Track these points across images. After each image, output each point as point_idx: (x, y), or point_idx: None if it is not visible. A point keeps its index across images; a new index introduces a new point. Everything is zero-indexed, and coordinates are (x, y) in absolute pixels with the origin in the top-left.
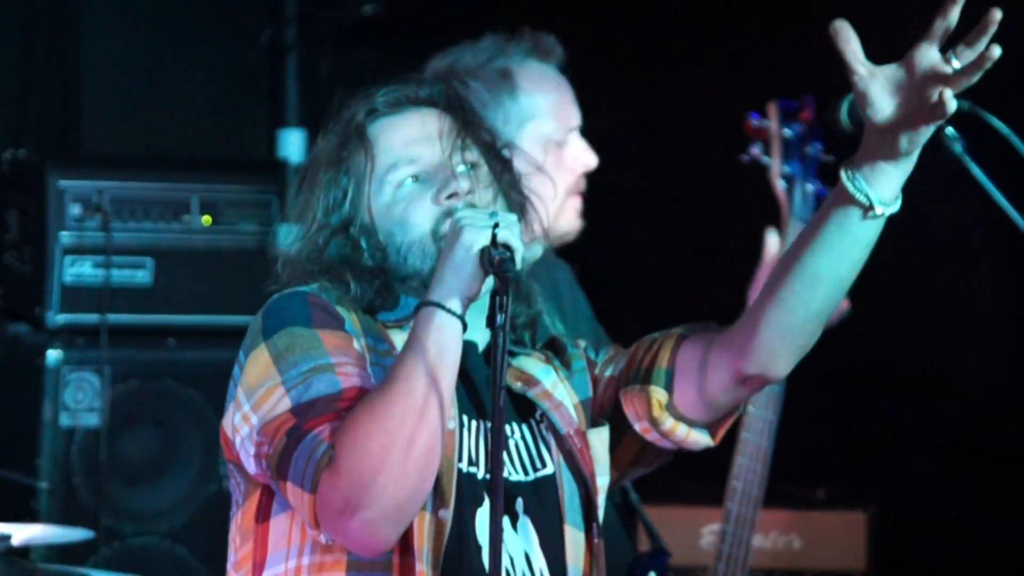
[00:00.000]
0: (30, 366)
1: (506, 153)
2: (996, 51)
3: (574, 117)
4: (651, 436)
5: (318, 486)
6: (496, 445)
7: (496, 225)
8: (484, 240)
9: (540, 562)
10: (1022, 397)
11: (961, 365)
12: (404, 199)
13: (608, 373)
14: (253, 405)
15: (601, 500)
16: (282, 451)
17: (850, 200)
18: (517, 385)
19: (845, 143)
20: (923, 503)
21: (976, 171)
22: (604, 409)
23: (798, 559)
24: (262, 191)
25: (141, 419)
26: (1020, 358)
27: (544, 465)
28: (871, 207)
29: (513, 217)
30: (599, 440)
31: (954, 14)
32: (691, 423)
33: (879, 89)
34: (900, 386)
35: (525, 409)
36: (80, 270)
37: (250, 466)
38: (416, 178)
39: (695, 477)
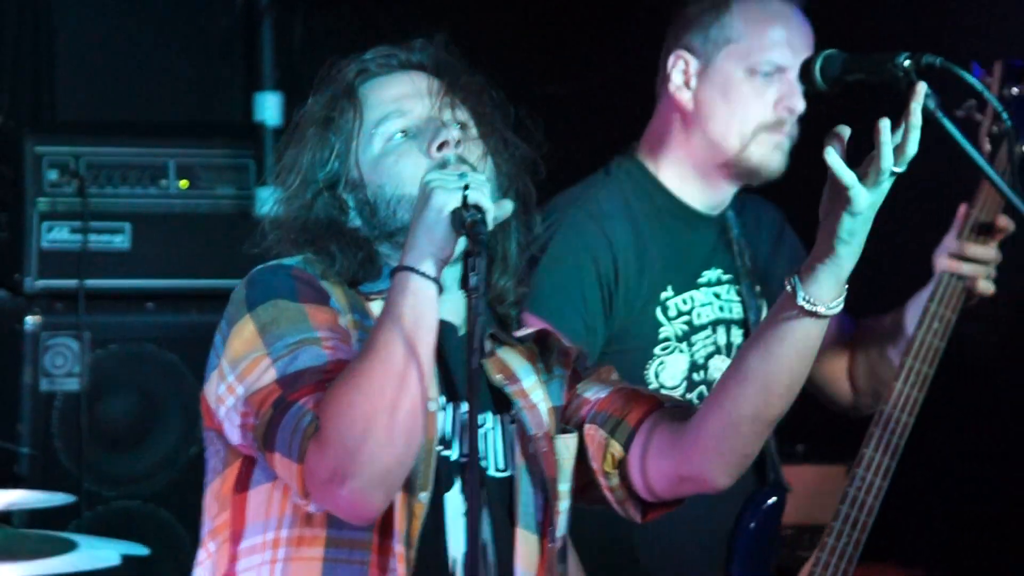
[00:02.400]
0: (9, 332)
1: (499, 117)
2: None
3: (787, 56)
4: (599, 479)
5: (305, 456)
6: (472, 410)
7: (467, 187)
8: (455, 202)
9: (492, 556)
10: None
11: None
12: (394, 151)
13: (586, 394)
14: (238, 376)
15: (563, 506)
16: (268, 422)
17: (791, 302)
18: (497, 378)
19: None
20: (901, 459)
21: (949, 125)
22: (569, 425)
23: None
24: (239, 155)
25: (121, 383)
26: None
27: (506, 468)
28: (811, 308)
29: (482, 177)
30: (565, 446)
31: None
32: (631, 492)
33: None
34: None
35: (501, 404)
36: (58, 235)
37: (234, 436)
38: (406, 132)
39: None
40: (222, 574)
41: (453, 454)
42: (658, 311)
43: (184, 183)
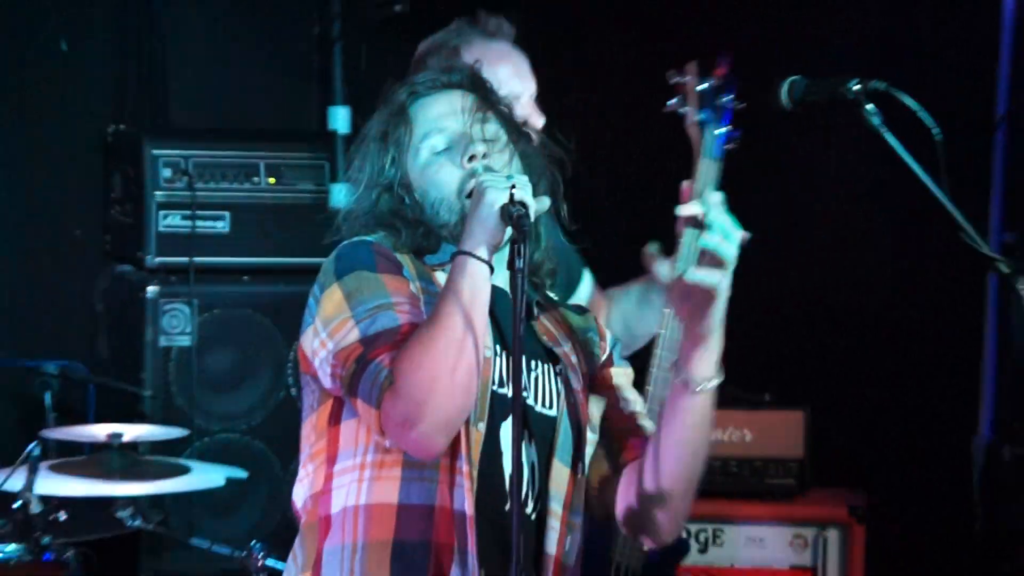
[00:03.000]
0: (134, 299)
1: (522, 124)
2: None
3: (519, 84)
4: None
5: (382, 404)
6: (516, 360)
7: (513, 186)
8: (503, 199)
9: (536, 477)
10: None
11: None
12: (435, 162)
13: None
14: (328, 334)
15: (588, 450)
16: (352, 375)
17: (681, 384)
18: (543, 338)
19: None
20: (848, 404)
21: (891, 139)
22: (593, 393)
23: (749, 449)
24: (316, 157)
25: (222, 341)
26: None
27: (551, 407)
28: (704, 388)
29: (525, 179)
30: (596, 406)
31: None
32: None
33: (676, 303)
34: (826, 315)
35: (552, 356)
36: (171, 222)
37: (326, 382)
38: (445, 146)
39: None
40: (319, 489)
41: (508, 392)
42: None
43: (272, 180)
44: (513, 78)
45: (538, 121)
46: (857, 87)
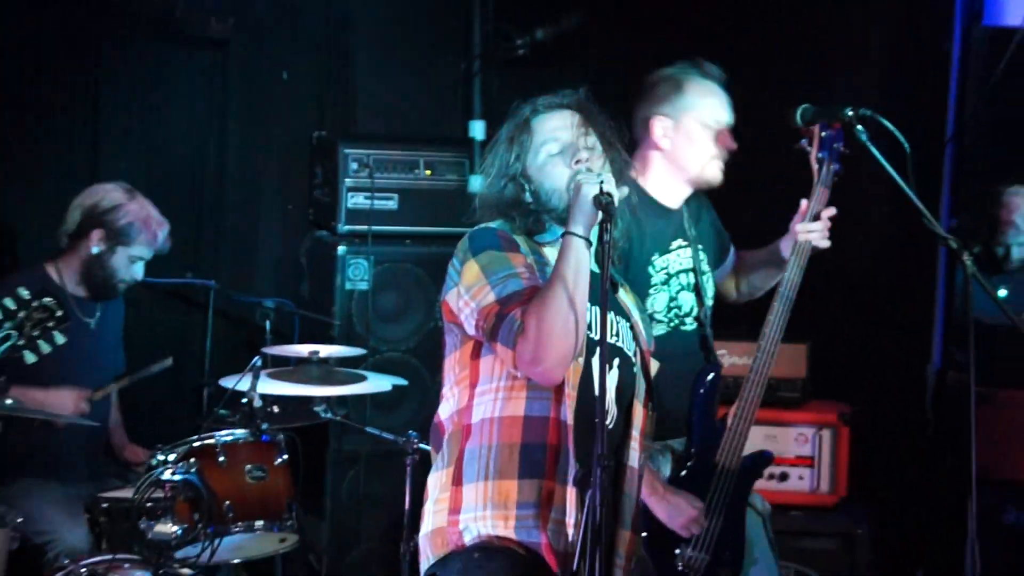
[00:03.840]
0: (329, 255)
1: (614, 139)
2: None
3: (723, 116)
4: None
5: (515, 346)
6: (603, 304)
7: (602, 182)
8: (596, 191)
9: (616, 399)
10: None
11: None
12: (549, 162)
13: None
14: (471, 296)
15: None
16: (492, 326)
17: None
18: (621, 305)
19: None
20: (839, 340)
21: (874, 150)
22: None
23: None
24: (459, 156)
25: (390, 286)
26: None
27: (631, 351)
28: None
29: (611, 176)
30: (655, 364)
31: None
32: None
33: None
34: (826, 276)
35: (627, 319)
36: (357, 201)
37: (469, 329)
38: (557, 151)
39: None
40: (463, 406)
41: (595, 336)
42: (649, 268)
43: (428, 172)
44: (719, 108)
45: (732, 145)
46: (851, 113)
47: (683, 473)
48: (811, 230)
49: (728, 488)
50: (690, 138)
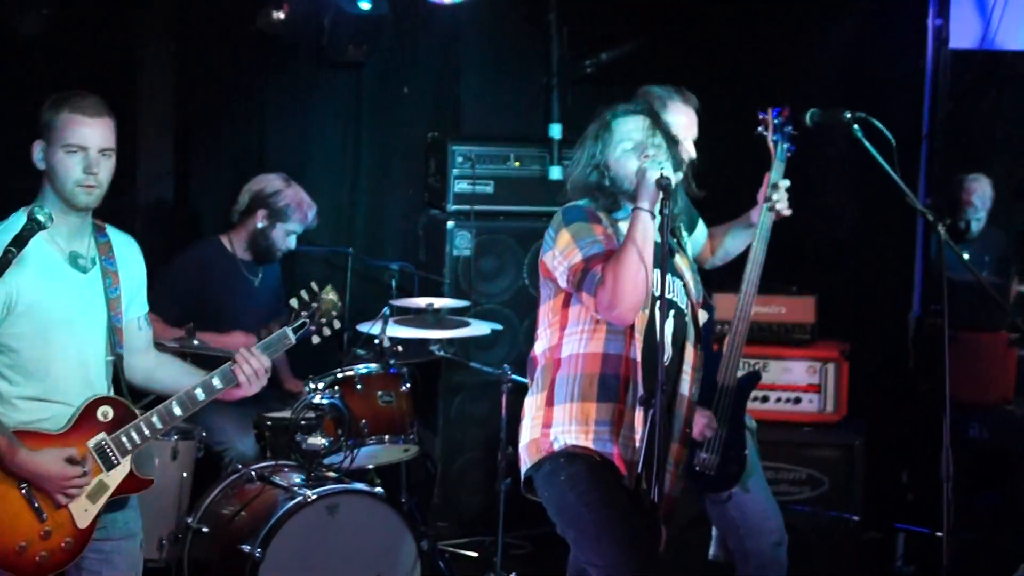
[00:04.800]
0: (440, 229)
1: (674, 137)
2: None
3: (693, 129)
4: None
5: (596, 295)
6: (663, 266)
7: (663, 168)
8: (656, 175)
9: (673, 346)
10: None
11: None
12: (625, 156)
13: None
14: (563, 256)
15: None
16: (579, 279)
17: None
18: (676, 271)
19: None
20: (840, 291)
21: (869, 146)
22: None
23: (784, 317)
24: (541, 151)
25: (489, 252)
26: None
27: (684, 305)
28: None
29: (670, 163)
30: (703, 315)
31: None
32: None
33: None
34: (831, 243)
35: (681, 279)
36: (462, 186)
37: (562, 283)
38: (631, 147)
39: None
40: (554, 344)
41: (656, 291)
42: None
43: (517, 163)
44: (688, 126)
45: (692, 152)
46: (849, 115)
47: None
48: (776, 199)
49: (728, 402)
50: None
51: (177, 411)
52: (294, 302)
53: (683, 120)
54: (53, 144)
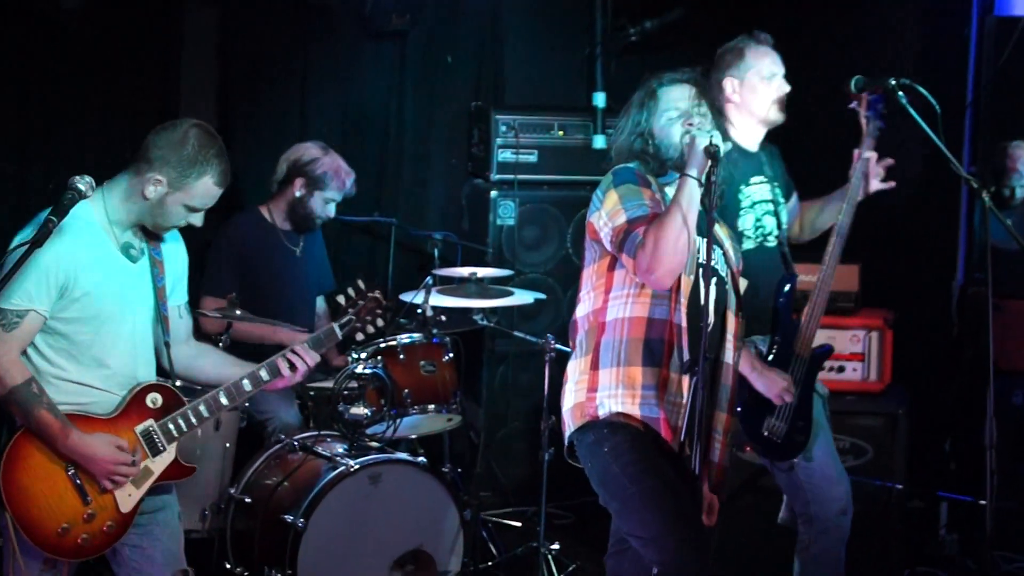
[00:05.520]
0: (484, 198)
1: (719, 108)
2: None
3: (777, 68)
4: None
5: (636, 256)
6: (709, 232)
7: (712, 136)
8: (706, 142)
9: (715, 310)
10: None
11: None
12: (671, 124)
13: None
14: (609, 216)
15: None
16: (622, 240)
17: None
18: (716, 240)
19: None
20: (885, 261)
21: (914, 113)
22: None
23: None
24: (585, 120)
25: (532, 220)
26: (920, 196)
27: (725, 273)
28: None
29: (717, 132)
30: (742, 284)
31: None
32: None
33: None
34: (878, 213)
35: (722, 249)
36: (505, 155)
37: (607, 244)
38: (677, 115)
39: None
40: (599, 307)
41: (701, 258)
42: (739, 195)
43: (561, 132)
44: (773, 64)
45: (785, 88)
46: (893, 82)
47: (770, 358)
48: (867, 168)
49: (802, 371)
50: (754, 90)
51: (224, 400)
52: (341, 299)
53: (766, 60)
54: (175, 193)
